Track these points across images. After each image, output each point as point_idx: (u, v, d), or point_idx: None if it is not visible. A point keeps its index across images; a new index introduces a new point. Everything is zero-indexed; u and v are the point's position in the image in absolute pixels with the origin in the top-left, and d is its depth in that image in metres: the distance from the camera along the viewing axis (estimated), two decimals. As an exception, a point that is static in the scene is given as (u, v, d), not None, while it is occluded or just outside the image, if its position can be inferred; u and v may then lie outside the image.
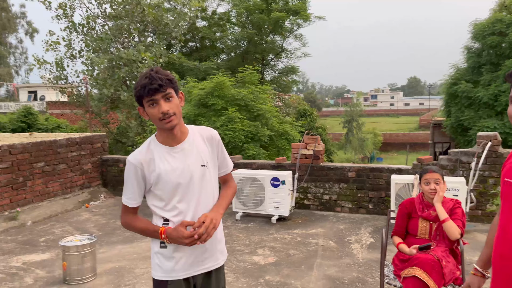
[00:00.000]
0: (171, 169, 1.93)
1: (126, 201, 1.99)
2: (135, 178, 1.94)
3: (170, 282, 1.96)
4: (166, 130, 1.92)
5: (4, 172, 6.19)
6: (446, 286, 2.85)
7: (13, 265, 4.68)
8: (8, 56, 51.32)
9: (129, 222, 2.01)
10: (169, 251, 1.96)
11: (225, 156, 2.15)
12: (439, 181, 3.09)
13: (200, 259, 2.00)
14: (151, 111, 1.87)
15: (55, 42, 15.85)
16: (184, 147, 1.97)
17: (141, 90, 1.85)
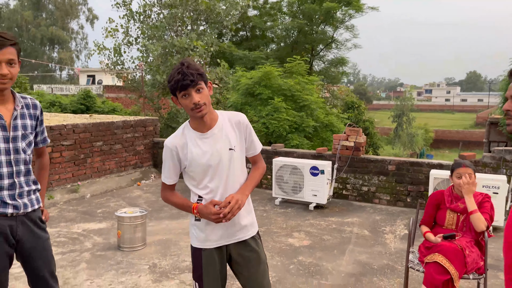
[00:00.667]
0: (202, 152, 2.16)
1: (164, 179, 2.27)
2: (171, 160, 2.20)
3: (204, 250, 2.24)
4: (197, 118, 2.15)
5: (68, 149, 6.85)
6: (468, 274, 2.99)
7: (75, 231, 5.26)
8: (70, 41, 54.32)
9: (168, 197, 2.29)
10: (202, 224, 2.23)
11: (253, 139, 2.32)
12: (471, 175, 3.20)
13: (230, 232, 2.24)
14: (184, 102, 2.09)
15: (114, 29, 16.76)
16: (214, 133, 2.19)
17: (174, 84, 2.07)
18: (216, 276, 2.26)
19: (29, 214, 2.22)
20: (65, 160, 6.80)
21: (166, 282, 3.85)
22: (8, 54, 2.07)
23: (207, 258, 2.25)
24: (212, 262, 2.25)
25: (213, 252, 2.25)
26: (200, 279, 2.26)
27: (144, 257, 4.44)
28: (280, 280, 3.90)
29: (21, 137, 2.18)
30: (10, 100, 2.19)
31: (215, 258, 2.25)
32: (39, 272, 2.28)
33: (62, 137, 6.73)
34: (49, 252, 2.32)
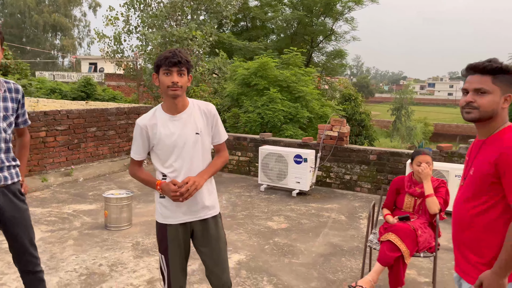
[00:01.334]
0: (170, 133, 2.35)
1: (133, 155, 2.46)
2: (141, 138, 2.40)
3: (169, 226, 2.45)
4: (170, 99, 2.34)
5: (62, 133, 7.09)
6: (420, 252, 3.23)
7: (65, 211, 5.52)
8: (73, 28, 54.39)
9: (135, 172, 2.48)
10: (167, 201, 2.42)
11: (219, 128, 2.51)
12: (428, 163, 3.43)
13: (193, 210, 2.44)
14: (164, 78, 2.27)
15: (115, 18, 16.89)
16: (183, 117, 2.38)
17: (163, 60, 2.28)
18: (180, 249, 2.47)
19: (9, 186, 2.46)
20: (59, 144, 7.05)
21: (146, 258, 4.11)
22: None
23: (172, 233, 2.45)
24: (176, 237, 2.45)
25: (178, 228, 2.45)
26: (166, 252, 2.47)
27: (129, 236, 4.70)
28: (254, 258, 4.16)
29: (3, 118, 2.42)
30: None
31: (179, 233, 2.46)
32: (19, 238, 2.52)
33: (56, 122, 6.97)
34: (28, 221, 2.57)
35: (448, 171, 5.46)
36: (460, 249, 1.88)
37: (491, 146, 1.77)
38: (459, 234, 1.88)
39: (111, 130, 8.01)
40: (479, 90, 1.76)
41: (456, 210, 1.91)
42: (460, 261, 1.89)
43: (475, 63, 1.80)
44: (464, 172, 1.93)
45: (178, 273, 2.46)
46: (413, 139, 33.14)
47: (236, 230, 4.95)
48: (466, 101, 1.81)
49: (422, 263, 4.13)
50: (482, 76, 1.76)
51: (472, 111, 1.78)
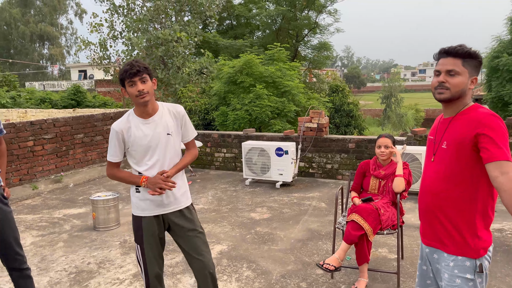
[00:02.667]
0: (143, 135, 2.57)
1: (110, 158, 2.64)
2: (117, 141, 2.59)
3: (144, 217, 2.65)
4: (141, 105, 2.55)
5: (50, 142, 7.27)
6: (384, 230, 3.45)
7: (55, 216, 5.72)
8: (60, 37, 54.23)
9: (115, 173, 2.67)
10: (141, 195, 2.63)
11: (188, 128, 2.72)
12: (388, 146, 3.65)
13: (165, 202, 2.64)
14: (130, 90, 2.51)
15: (99, 24, 17.01)
16: (155, 119, 2.60)
17: (124, 74, 2.49)
18: (155, 239, 2.67)
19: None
20: (48, 152, 7.23)
21: (133, 255, 4.31)
22: None
23: (147, 224, 2.65)
24: (151, 228, 2.66)
25: (152, 219, 2.66)
26: (141, 242, 2.67)
27: (117, 235, 4.90)
28: (235, 248, 4.37)
29: None
30: None
31: (154, 224, 2.66)
32: (5, 237, 2.72)
33: (43, 131, 7.14)
34: (12, 223, 2.76)
35: (421, 153, 5.69)
36: (436, 216, 1.97)
37: (462, 120, 1.92)
38: (435, 205, 1.97)
39: (98, 135, 8.19)
40: (451, 71, 1.92)
41: (428, 183, 2.02)
42: (434, 231, 1.99)
43: (448, 47, 1.97)
44: (432, 148, 2.05)
45: (153, 261, 2.66)
46: (405, 126, 33.45)
47: (220, 223, 5.17)
48: (438, 81, 1.96)
49: (393, 242, 4.36)
50: (454, 59, 1.92)
51: (444, 92, 1.93)
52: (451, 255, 1.94)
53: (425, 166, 2.11)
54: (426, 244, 2.09)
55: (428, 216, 2.04)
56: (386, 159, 3.72)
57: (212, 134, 8.14)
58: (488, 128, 1.82)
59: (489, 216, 1.93)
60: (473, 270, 1.90)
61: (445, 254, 1.97)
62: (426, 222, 2.06)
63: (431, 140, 2.09)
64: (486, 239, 1.92)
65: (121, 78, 2.51)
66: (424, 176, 2.09)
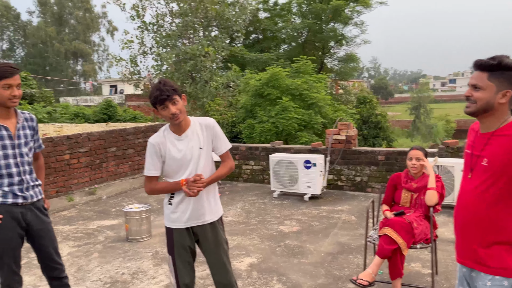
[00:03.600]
0: (177, 150, 2.67)
1: (148, 172, 2.71)
2: (155, 154, 2.68)
3: (175, 229, 2.74)
4: (175, 124, 2.66)
5: (84, 155, 7.53)
6: (417, 244, 3.40)
7: (90, 227, 5.89)
8: (92, 53, 56.21)
9: (152, 187, 2.73)
10: (173, 207, 2.72)
11: (220, 140, 2.77)
12: (420, 158, 3.61)
13: (195, 215, 2.71)
14: (163, 113, 2.60)
15: (130, 41, 17.58)
16: (188, 135, 2.69)
17: (154, 99, 2.59)
18: (185, 251, 2.75)
19: (35, 203, 2.81)
20: (82, 165, 7.48)
21: (165, 266, 4.39)
22: (18, 79, 2.67)
23: (178, 236, 2.74)
24: (182, 239, 2.74)
25: (183, 231, 2.74)
26: (173, 253, 2.76)
27: (149, 247, 5.01)
28: (265, 260, 4.39)
29: (24, 143, 2.77)
30: (14, 115, 2.78)
31: (185, 236, 2.74)
32: (45, 248, 2.85)
33: (78, 144, 7.41)
34: (52, 233, 2.89)
35: (454, 166, 5.58)
36: (474, 235, 1.92)
37: (504, 137, 1.86)
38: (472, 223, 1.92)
39: (130, 148, 8.41)
40: (475, 86, 1.89)
41: (465, 200, 1.97)
42: (471, 251, 1.93)
43: (476, 60, 1.92)
44: (470, 163, 1.99)
45: (184, 271, 2.74)
46: (435, 137, 32.69)
47: (249, 235, 5.20)
48: (465, 95, 1.96)
49: (427, 256, 4.27)
50: (480, 72, 1.88)
51: (470, 106, 1.93)
52: (488, 275, 1.89)
53: (462, 181, 2.06)
54: (461, 263, 2.04)
55: (464, 233, 1.99)
56: (418, 172, 3.68)
57: (239, 146, 8.23)
58: None
59: None
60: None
61: (482, 274, 1.92)
62: (462, 240, 2.02)
63: (468, 154, 2.03)
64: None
65: (152, 103, 2.61)
66: (461, 191, 2.05)
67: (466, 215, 1.98)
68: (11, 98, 2.64)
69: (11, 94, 2.63)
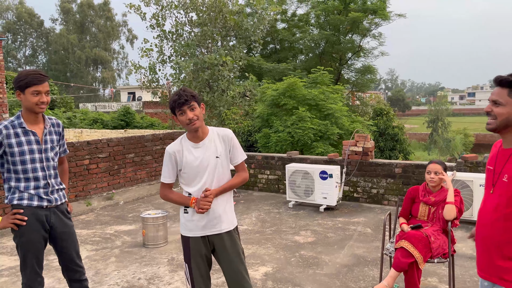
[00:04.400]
0: (194, 158, 2.71)
1: (164, 179, 2.78)
2: (170, 162, 2.74)
3: (191, 238, 2.77)
4: (192, 131, 2.70)
5: (103, 160, 7.67)
6: (434, 258, 3.37)
7: (108, 232, 5.99)
8: (112, 61, 57.27)
9: (166, 194, 2.80)
10: (189, 216, 2.75)
11: (237, 151, 2.81)
12: (438, 172, 3.60)
13: (211, 224, 2.74)
14: (181, 118, 2.64)
15: (149, 49, 17.89)
16: (205, 143, 2.72)
17: (173, 104, 2.65)
18: (202, 259, 2.78)
19: (59, 206, 2.89)
20: (101, 170, 7.62)
21: (180, 272, 4.44)
22: (46, 86, 2.77)
23: (194, 245, 2.77)
24: (198, 248, 2.77)
25: (199, 240, 2.77)
26: (189, 261, 2.78)
27: (165, 253, 5.06)
28: (280, 270, 4.40)
29: (50, 148, 2.87)
30: (41, 121, 2.88)
31: (201, 244, 2.77)
32: (67, 250, 2.92)
33: (98, 150, 7.56)
34: (74, 236, 2.97)
35: (472, 180, 5.52)
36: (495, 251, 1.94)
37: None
38: (493, 239, 1.94)
39: (148, 155, 8.54)
40: (495, 101, 1.93)
41: (487, 215, 1.98)
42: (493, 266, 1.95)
43: (496, 76, 1.96)
44: (491, 180, 2.01)
45: (200, 279, 2.77)
46: (452, 151, 32.22)
47: (264, 244, 5.21)
48: (485, 111, 1.99)
49: (444, 271, 4.22)
50: (501, 88, 1.92)
51: (491, 122, 1.96)
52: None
53: (484, 197, 2.07)
54: (483, 278, 2.04)
55: (485, 249, 2.00)
56: (436, 186, 3.66)
57: (256, 156, 8.27)
58: None
59: None
60: None
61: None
62: (483, 255, 2.02)
63: (491, 170, 2.04)
64: None
65: (171, 108, 2.67)
66: (482, 207, 2.06)
67: (487, 230, 1.99)
68: (39, 104, 2.74)
69: (39, 100, 2.73)
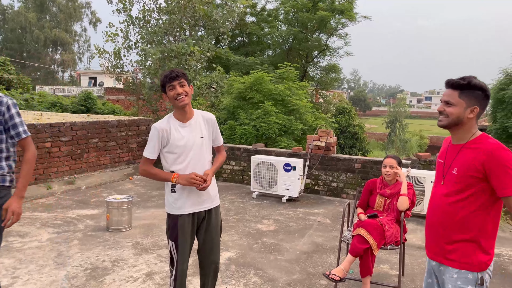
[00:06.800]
0: (181, 137, 2.84)
1: (148, 154, 2.85)
2: (157, 139, 2.82)
3: (180, 216, 2.88)
4: (179, 108, 2.82)
5: (66, 144, 7.53)
6: (387, 245, 3.65)
7: (69, 216, 5.93)
8: (73, 43, 55.17)
9: (148, 169, 2.89)
10: (178, 195, 2.88)
11: (218, 134, 3.06)
12: (393, 166, 3.87)
13: (199, 201, 2.90)
14: (170, 93, 2.78)
15: (114, 34, 17.44)
16: (191, 123, 2.89)
17: (164, 78, 2.80)
18: (188, 237, 2.92)
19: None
20: (63, 154, 7.48)
21: (145, 255, 4.51)
22: None
23: (182, 223, 2.89)
24: (186, 226, 2.90)
25: (187, 218, 2.89)
26: (176, 240, 2.89)
27: (129, 237, 5.11)
28: (243, 255, 4.57)
29: None
30: None
31: (188, 222, 2.90)
32: None
33: (60, 133, 7.41)
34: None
35: (425, 177, 5.90)
36: (443, 234, 2.16)
37: (472, 150, 2.10)
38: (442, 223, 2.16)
39: (112, 141, 8.45)
40: (447, 102, 2.15)
41: (436, 203, 2.21)
42: (440, 247, 2.18)
43: (448, 80, 2.18)
44: (441, 172, 2.24)
45: (184, 257, 2.92)
46: (408, 152, 33.62)
47: (228, 232, 5.36)
48: (438, 110, 2.21)
49: (395, 259, 4.55)
50: (452, 90, 2.12)
51: (442, 119, 2.17)
52: (454, 268, 2.14)
53: (434, 186, 2.30)
54: (431, 258, 2.28)
55: (434, 232, 2.23)
56: (392, 179, 3.94)
57: (222, 146, 8.37)
58: (500, 161, 2.01)
59: (492, 237, 2.13)
60: (475, 282, 2.10)
61: (449, 267, 2.16)
62: (432, 238, 2.26)
63: (441, 163, 2.28)
64: (488, 256, 2.12)
65: (162, 84, 2.82)
66: (433, 195, 2.30)
67: (436, 216, 2.23)
68: None
69: None
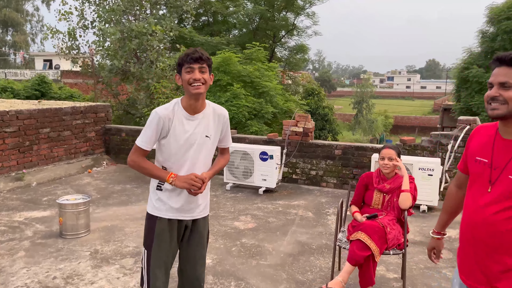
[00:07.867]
0: (184, 131, 2.32)
1: (141, 143, 2.31)
2: (157, 127, 2.28)
3: (159, 219, 2.37)
4: (191, 96, 2.27)
5: (11, 135, 6.62)
6: (389, 250, 3.17)
7: (16, 219, 5.14)
8: (25, 23, 51.81)
9: (138, 161, 2.33)
10: (163, 194, 2.37)
11: (228, 134, 2.55)
12: (393, 158, 3.37)
13: (187, 208, 2.39)
14: (186, 76, 2.25)
15: (68, 12, 16.11)
16: (199, 118, 2.35)
17: (184, 57, 2.25)
18: (166, 245, 2.37)
19: None
20: (9, 147, 6.58)
21: (106, 268, 3.85)
22: None
23: (160, 227, 2.37)
24: (164, 232, 2.37)
25: (167, 222, 2.37)
26: (150, 248, 2.37)
27: (87, 244, 4.41)
28: (220, 262, 3.99)
29: None
30: None
31: (168, 228, 2.38)
32: None
33: (4, 123, 6.49)
34: None
35: (412, 164, 5.49)
36: (491, 257, 1.68)
37: None
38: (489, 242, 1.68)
39: (66, 130, 7.57)
40: (505, 83, 1.62)
41: (480, 217, 1.69)
42: (486, 275, 1.69)
43: (501, 54, 1.64)
44: (488, 175, 1.70)
45: (158, 270, 2.37)
46: (374, 132, 33.90)
47: (202, 232, 4.76)
48: (489, 96, 1.66)
49: (390, 258, 4.10)
50: (509, 68, 1.62)
51: (499, 107, 1.63)
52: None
53: (476, 194, 1.75)
54: (468, 286, 1.78)
55: (476, 254, 1.72)
56: (390, 172, 3.44)
57: (190, 134, 7.70)
58: None
59: None
60: None
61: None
62: (472, 262, 1.74)
63: (484, 163, 1.73)
64: None
65: (179, 63, 2.28)
66: (471, 205, 1.76)
67: (480, 234, 1.70)
68: None
69: None
